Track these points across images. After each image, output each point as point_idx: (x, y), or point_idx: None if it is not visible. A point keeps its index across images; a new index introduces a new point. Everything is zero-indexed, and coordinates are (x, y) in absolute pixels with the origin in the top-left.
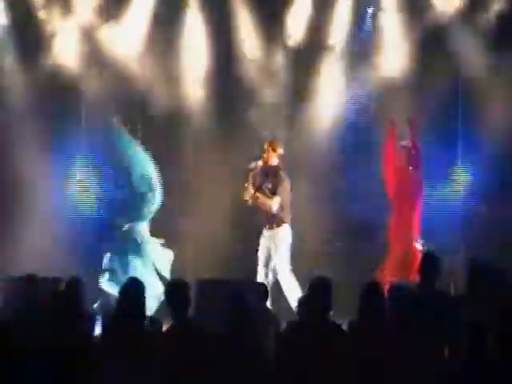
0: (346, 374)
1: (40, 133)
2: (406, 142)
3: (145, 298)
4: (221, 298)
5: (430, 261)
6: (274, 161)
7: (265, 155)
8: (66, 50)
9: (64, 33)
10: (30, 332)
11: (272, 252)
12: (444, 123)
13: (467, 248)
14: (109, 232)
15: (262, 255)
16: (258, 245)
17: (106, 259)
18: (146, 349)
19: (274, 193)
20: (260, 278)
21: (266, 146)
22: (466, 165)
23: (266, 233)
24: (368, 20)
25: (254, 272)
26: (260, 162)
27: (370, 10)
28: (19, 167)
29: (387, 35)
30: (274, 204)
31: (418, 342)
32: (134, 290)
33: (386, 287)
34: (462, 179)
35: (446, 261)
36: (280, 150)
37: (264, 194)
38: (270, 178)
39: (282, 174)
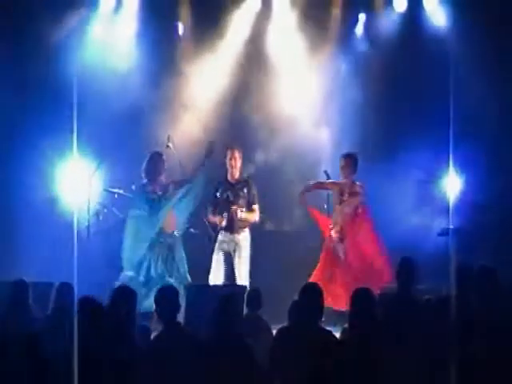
0: (337, 380)
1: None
2: None
3: (135, 305)
4: (211, 304)
5: (406, 266)
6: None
7: (232, 164)
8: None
9: None
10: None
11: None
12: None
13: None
14: None
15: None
16: None
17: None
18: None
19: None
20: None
21: (230, 153)
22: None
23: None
24: None
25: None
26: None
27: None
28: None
29: None
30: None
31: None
32: (125, 298)
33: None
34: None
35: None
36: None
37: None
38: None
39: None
